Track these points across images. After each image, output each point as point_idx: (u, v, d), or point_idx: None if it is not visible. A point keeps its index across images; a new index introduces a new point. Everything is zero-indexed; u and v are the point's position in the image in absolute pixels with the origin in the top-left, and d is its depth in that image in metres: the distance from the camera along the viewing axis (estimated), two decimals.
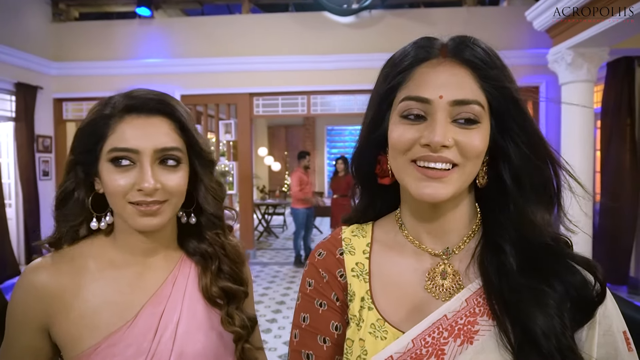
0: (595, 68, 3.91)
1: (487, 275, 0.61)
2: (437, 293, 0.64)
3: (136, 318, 0.77)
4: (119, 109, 0.77)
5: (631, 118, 4.85)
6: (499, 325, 0.58)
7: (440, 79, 0.59)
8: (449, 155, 0.58)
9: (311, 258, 0.75)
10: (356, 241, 0.73)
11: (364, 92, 6.15)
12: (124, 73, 6.12)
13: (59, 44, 6.18)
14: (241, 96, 6.15)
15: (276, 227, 9.20)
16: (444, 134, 0.57)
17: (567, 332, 0.56)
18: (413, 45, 0.64)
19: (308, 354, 0.67)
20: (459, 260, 0.65)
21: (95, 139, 0.77)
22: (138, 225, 0.76)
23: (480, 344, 0.58)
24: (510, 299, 0.58)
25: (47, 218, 6.23)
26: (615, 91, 4.94)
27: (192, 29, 6.19)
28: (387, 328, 0.63)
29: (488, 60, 0.60)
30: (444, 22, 5.77)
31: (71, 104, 6.49)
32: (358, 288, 0.68)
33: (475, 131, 0.59)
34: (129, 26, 6.23)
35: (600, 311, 0.59)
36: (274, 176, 11.72)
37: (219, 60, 6.04)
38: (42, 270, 0.77)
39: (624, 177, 4.89)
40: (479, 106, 0.59)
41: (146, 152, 0.75)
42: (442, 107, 0.58)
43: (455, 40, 0.62)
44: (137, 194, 0.74)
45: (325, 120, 11.58)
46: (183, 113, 0.81)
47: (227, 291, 0.85)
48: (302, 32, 6.01)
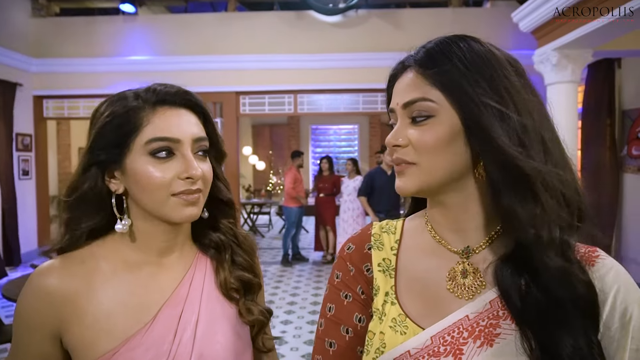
0: (580, 69, 4.02)
1: (501, 286, 0.60)
2: (460, 292, 0.64)
3: (154, 320, 0.75)
4: (151, 101, 0.75)
5: (611, 118, 5.01)
6: (521, 332, 0.57)
7: (397, 88, 0.66)
8: (403, 155, 0.63)
9: (341, 252, 0.76)
10: (385, 237, 0.74)
11: (351, 91, 6.17)
12: (107, 70, 6.00)
13: (39, 40, 6.02)
14: (227, 95, 6.10)
15: (262, 227, 9.16)
16: (394, 135, 0.64)
17: (594, 348, 0.55)
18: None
19: (331, 342, 0.70)
20: (482, 260, 0.64)
21: (126, 132, 0.74)
22: (183, 215, 0.75)
23: (501, 347, 0.58)
24: (530, 314, 0.57)
25: (26, 219, 6.07)
26: (596, 92, 5.09)
27: (177, 26, 6.12)
28: (407, 323, 0.64)
29: (438, 56, 0.62)
30: (430, 22, 5.84)
31: (52, 101, 6.34)
32: (383, 283, 0.69)
33: (427, 126, 0.62)
34: (112, 23, 6.12)
35: (635, 325, 0.57)
36: (258, 175, 11.66)
37: (204, 58, 5.98)
38: (52, 273, 0.74)
39: (604, 175, 5.04)
40: (428, 101, 0.61)
41: (187, 140, 0.75)
42: (400, 112, 0.65)
43: (420, 47, 0.67)
44: (182, 183, 0.73)
45: (310, 119, 11.58)
46: (205, 106, 0.82)
47: (243, 281, 0.85)
48: (289, 31, 6.00)
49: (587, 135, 5.17)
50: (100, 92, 6.04)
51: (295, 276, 5.69)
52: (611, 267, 0.60)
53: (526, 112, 0.60)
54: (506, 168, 0.58)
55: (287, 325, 4.00)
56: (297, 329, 3.94)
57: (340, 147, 11.88)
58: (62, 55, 6.02)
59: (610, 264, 0.61)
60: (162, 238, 0.80)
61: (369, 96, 6.24)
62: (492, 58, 0.63)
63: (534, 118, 0.61)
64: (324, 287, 5.09)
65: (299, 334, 3.83)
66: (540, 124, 0.61)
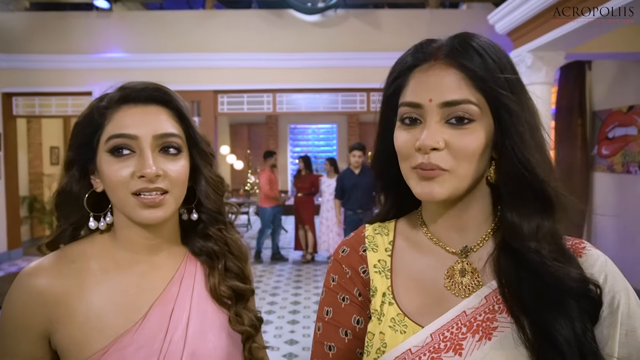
0: (553, 71, 4.12)
1: (501, 278, 0.61)
2: (457, 290, 0.65)
3: (145, 319, 0.75)
4: (115, 99, 0.76)
5: (582, 119, 5.17)
6: (517, 323, 0.58)
7: (431, 82, 0.61)
8: (439, 161, 0.59)
9: (335, 254, 0.76)
10: (379, 239, 0.74)
11: (330, 90, 6.18)
12: (80, 67, 5.84)
13: (7, 35, 5.81)
14: (205, 93, 6.02)
15: (240, 227, 9.08)
16: (432, 136, 0.59)
17: (588, 333, 0.57)
18: (411, 49, 0.66)
19: (330, 346, 0.69)
20: (478, 259, 0.66)
21: (92, 131, 0.75)
22: (142, 217, 0.73)
23: (499, 340, 0.59)
24: (527, 301, 0.58)
25: None
26: (568, 93, 5.25)
27: (153, 23, 6.00)
28: (406, 322, 0.64)
29: (478, 59, 0.59)
30: (408, 23, 5.89)
31: (22, 99, 6.14)
32: (380, 284, 0.69)
33: (468, 130, 0.59)
34: (85, 18, 5.96)
35: (623, 311, 0.58)
36: (236, 175, 11.56)
37: (181, 56, 5.88)
38: (41, 273, 0.73)
39: (575, 174, 5.20)
40: (472, 105, 0.59)
41: (146, 138, 0.73)
42: (433, 110, 0.60)
43: (450, 41, 0.63)
44: (139, 181, 0.71)
45: (288, 118, 11.55)
46: (180, 101, 0.80)
47: (235, 290, 0.84)
48: (268, 30, 5.96)
49: (560, 135, 5.33)
50: (73, 89, 5.89)
51: (275, 276, 5.67)
52: (597, 257, 0.63)
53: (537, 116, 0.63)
54: (524, 183, 0.60)
55: (267, 325, 3.98)
56: (277, 329, 3.93)
57: (318, 147, 11.89)
58: (33, 52, 5.82)
59: (597, 254, 0.63)
60: (142, 235, 0.79)
61: (347, 95, 6.26)
62: (512, 61, 0.64)
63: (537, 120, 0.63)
64: (304, 287, 5.11)
65: (279, 333, 3.82)
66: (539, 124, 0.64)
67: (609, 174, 4.98)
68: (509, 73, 0.61)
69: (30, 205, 7.17)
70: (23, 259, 6.41)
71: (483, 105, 0.60)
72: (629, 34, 4.11)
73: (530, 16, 3.90)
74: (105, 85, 0.80)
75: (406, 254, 0.71)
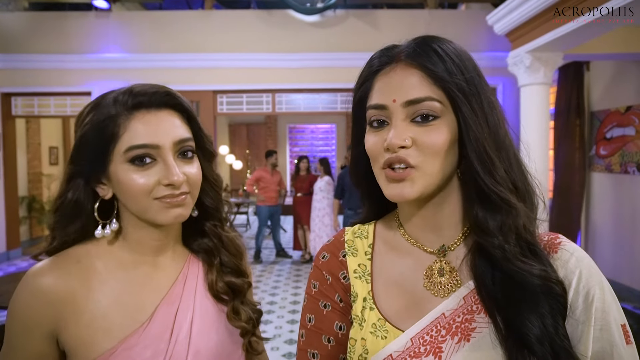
0: (551, 72, 4.14)
1: (477, 277, 0.62)
2: (436, 290, 0.65)
3: (151, 319, 0.76)
4: (127, 106, 0.74)
5: (580, 119, 5.19)
6: (494, 323, 0.59)
7: (393, 83, 0.62)
8: (407, 157, 0.60)
9: (316, 261, 0.76)
10: (359, 242, 0.74)
11: (329, 90, 6.19)
12: (80, 67, 5.83)
13: (6, 35, 5.80)
14: (204, 93, 6.02)
15: (239, 227, 9.09)
16: (399, 135, 0.60)
17: (560, 331, 0.57)
18: (376, 54, 0.68)
19: (314, 353, 0.70)
20: (455, 257, 0.66)
21: (105, 142, 0.73)
22: (168, 218, 0.74)
23: (477, 341, 0.59)
24: (500, 300, 0.59)
25: None
26: (566, 94, 5.27)
27: (152, 23, 6.00)
28: (387, 327, 0.64)
29: (438, 60, 0.61)
30: (407, 23, 5.91)
31: (21, 99, 6.13)
32: (360, 289, 0.69)
33: (433, 127, 0.60)
34: (84, 18, 5.95)
35: (597, 306, 0.58)
36: (235, 175, 11.57)
37: (181, 56, 5.88)
38: (48, 273, 0.73)
39: (573, 174, 5.22)
40: (435, 101, 0.60)
41: (167, 146, 0.74)
42: (397, 110, 0.61)
43: (411, 43, 0.64)
44: (165, 189, 0.73)
45: (287, 118, 11.56)
46: (188, 104, 0.81)
47: (231, 286, 0.85)
48: (267, 30, 5.97)
49: (559, 135, 5.35)
50: (72, 89, 5.88)
51: (274, 275, 5.68)
52: (572, 252, 0.63)
53: (497, 113, 0.63)
54: (477, 175, 0.60)
55: (267, 325, 3.99)
56: (277, 328, 3.94)
57: (317, 147, 11.90)
58: (32, 52, 5.81)
59: (572, 249, 0.63)
60: (153, 238, 0.80)
61: (346, 96, 6.27)
62: (474, 62, 0.64)
63: (498, 117, 0.64)
64: (303, 286, 5.11)
65: (279, 333, 3.83)
66: (500, 122, 0.64)
67: (606, 174, 5.00)
68: (470, 73, 0.62)
69: (29, 205, 7.16)
70: (22, 259, 6.40)
71: (445, 102, 0.61)
72: (627, 35, 4.13)
73: (529, 17, 3.91)
74: (105, 85, 0.79)
75: (385, 257, 0.71)
